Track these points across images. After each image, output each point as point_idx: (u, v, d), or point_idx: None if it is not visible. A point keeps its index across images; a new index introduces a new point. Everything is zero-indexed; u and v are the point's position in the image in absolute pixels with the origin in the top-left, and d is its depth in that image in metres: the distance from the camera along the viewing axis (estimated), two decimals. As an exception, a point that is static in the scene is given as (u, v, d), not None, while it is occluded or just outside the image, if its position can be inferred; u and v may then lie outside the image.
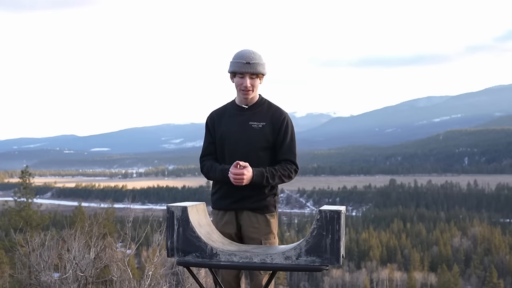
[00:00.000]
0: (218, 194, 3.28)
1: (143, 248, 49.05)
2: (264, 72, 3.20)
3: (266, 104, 3.31)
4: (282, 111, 3.29)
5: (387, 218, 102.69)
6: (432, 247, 77.75)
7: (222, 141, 3.25)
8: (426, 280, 66.03)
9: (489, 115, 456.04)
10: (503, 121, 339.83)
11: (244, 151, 3.17)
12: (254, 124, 3.20)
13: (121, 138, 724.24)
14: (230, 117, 3.28)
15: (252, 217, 3.19)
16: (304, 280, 69.92)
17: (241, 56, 3.15)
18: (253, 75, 3.16)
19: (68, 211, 65.79)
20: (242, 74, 3.15)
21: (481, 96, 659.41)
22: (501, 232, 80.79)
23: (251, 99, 3.26)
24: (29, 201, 25.29)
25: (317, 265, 2.62)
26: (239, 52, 3.20)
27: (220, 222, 3.24)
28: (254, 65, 3.13)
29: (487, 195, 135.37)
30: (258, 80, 3.20)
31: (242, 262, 2.71)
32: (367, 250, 76.87)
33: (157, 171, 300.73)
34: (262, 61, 3.19)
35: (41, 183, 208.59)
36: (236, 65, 3.15)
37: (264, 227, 3.19)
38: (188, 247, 2.78)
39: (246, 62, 3.12)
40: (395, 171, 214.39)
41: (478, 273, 67.62)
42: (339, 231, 2.60)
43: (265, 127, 3.20)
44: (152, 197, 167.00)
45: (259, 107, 3.27)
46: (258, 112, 3.25)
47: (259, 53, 3.20)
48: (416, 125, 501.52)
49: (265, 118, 3.23)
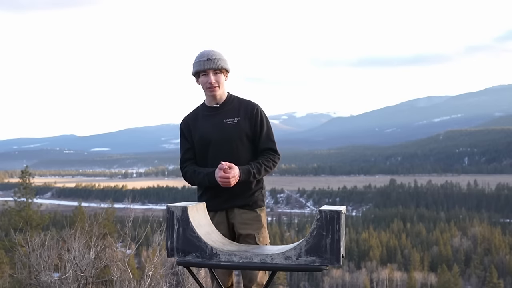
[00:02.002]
0: (206, 196, 3.27)
1: (143, 248, 49.06)
2: (227, 67, 3.23)
3: (236, 100, 3.33)
4: (253, 103, 3.32)
5: (387, 218, 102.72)
6: (432, 247, 77.77)
7: (201, 143, 3.26)
8: (426, 280, 66.07)
9: (489, 115, 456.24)
10: (503, 121, 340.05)
11: (225, 149, 3.19)
12: (229, 120, 3.23)
13: (121, 138, 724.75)
14: (204, 119, 3.29)
15: (243, 214, 3.21)
16: (304, 280, 69.95)
17: (202, 55, 3.19)
18: (216, 70, 3.18)
19: (68, 211, 65.82)
20: (205, 72, 3.17)
21: (481, 96, 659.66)
22: (501, 232, 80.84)
23: (219, 97, 3.28)
24: (29, 201, 25.31)
25: (317, 265, 2.61)
26: (200, 52, 3.23)
27: (212, 223, 3.22)
28: (215, 61, 3.16)
29: (487, 195, 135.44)
30: (222, 76, 3.22)
31: (242, 262, 2.71)
32: (367, 250, 76.90)
33: (157, 171, 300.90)
34: (223, 57, 3.22)
35: (41, 183, 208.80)
36: (198, 64, 3.19)
37: (255, 222, 3.22)
38: (188, 247, 2.77)
39: (207, 59, 3.16)
40: (395, 171, 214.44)
41: (478, 273, 67.65)
42: (339, 231, 2.60)
43: (240, 121, 3.23)
44: (152, 197, 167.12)
45: (230, 104, 3.29)
46: (230, 108, 3.27)
47: (219, 50, 3.23)
48: (416, 125, 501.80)
49: (238, 113, 3.25)
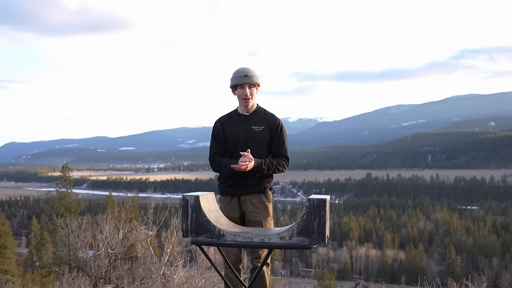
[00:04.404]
0: (225, 184, 3.42)
1: (162, 230, 48.61)
2: (259, 82, 3.35)
3: (263, 111, 3.45)
4: (276, 117, 3.44)
5: (364, 205, 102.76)
6: (401, 229, 77.81)
7: (231, 143, 3.38)
8: (397, 257, 66.17)
9: (449, 120, 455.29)
10: (460, 125, 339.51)
11: (251, 150, 3.29)
12: (256, 128, 3.35)
13: (145, 139, 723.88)
14: (236, 123, 3.40)
15: (253, 203, 3.32)
16: (295, 256, 70.03)
17: (240, 72, 3.31)
18: (251, 85, 3.29)
19: (101, 199, 65.72)
20: (242, 85, 3.29)
21: (442, 104, 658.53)
22: (458, 217, 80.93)
23: (251, 107, 3.39)
24: (69, 191, 25.34)
25: (306, 244, 2.62)
26: (237, 69, 3.35)
27: (227, 207, 3.37)
28: (251, 77, 3.28)
29: (447, 186, 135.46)
30: (255, 90, 3.35)
31: (244, 241, 2.73)
32: (347, 232, 76.96)
33: (174, 166, 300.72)
34: (257, 74, 3.35)
35: (78, 176, 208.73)
36: (236, 79, 3.30)
37: (263, 211, 3.34)
38: (199, 229, 2.79)
39: (244, 75, 3.28)
40: (371, 166, 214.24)
41: (439, 251, 67.69)
42: (325, 216, 2.60)
43: (264, 130, 3.36)
44: (170, 188, 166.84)
45: (258, 114, 3.41)
46: (257, 118, 3.39)
47: (253, 68, 3.36)
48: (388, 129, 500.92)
49: (263, 122, 3.37)
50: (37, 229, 43.54)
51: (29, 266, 33.74)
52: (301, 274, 64.75)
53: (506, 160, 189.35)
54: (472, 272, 8.68)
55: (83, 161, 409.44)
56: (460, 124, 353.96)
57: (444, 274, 46.36)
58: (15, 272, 19.89)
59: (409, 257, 61.27)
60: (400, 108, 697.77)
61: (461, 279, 7.44)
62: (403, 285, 55.08)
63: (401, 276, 59.42)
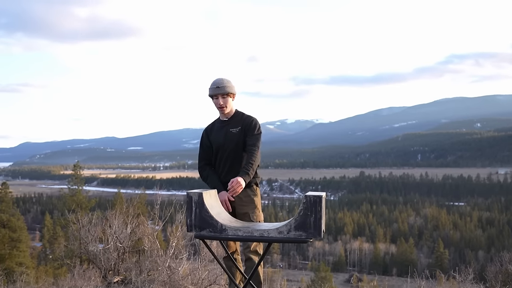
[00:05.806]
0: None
1: (168, 225, 48.67)
2: (233, 92, 3.42)
3: (241, 115, 3.53)
4: (252, 117, 3.53)
5: (357, 201, 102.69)
6: (392, 224, 77.74)
7: (214, 148, 3.50)
8: (388, 250, 66.12)
9: (437, 121, 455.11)
10: (448, 126, 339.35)
11: (230, 151, 3.43)
12: (233, 130, 3.45)
13: (151, 139, 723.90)
14: (217, 130, 3.52)
15: (241, 197, 3.41)
16: (293, 249, 70.01)
17: (213, 83, 3.40)
18: (224, 95, 3.38)
19: (110, 196, 65.77)
20: (216, 96, 3.39)
21: (431, 107, 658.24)
22: (446, 213, 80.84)
23: (228, 114, 3.49)
24: (80, 188, 25.28)
25: (303, 238, 2.63)
26: (213, 81, 3.42)
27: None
28: (222, 88, 3.36)
29: (436, 183, 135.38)
30: (229, 99, 3.42)
31: (245, 235, 2.74)
32: (342, 226, 76.93)
33: (179, 165, 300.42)
34: (230, 84, 3.40)
35: (89, 174, 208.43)
36: (210, 90, 3.41)
37: (250, 203, 3.44)
38: (203, 224, 2.79)
39: (216, 86, 3.37)
40: (364, 165, 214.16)
41: (429, 245, 67.67)
42: (321, 211, 2.60)
43: (240, 130, 3.45)
44: (175, 185, 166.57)
45: (236, 118, 3.51)
46: (236, 121, 3.49)
47: (227, 78, 3.41)
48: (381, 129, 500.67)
49: (240, 124, 3.47)
50: (50, 224, 43.52)
51: (42, 259, 33.70)
52: (298, 266, 64.72)
53: (491, 159, 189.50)
54: (459, 265, 8.68)
55: (94, 160, 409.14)
56: (448, 125, 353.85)
57: (433, 267, 46.40)
58: (30, 264, 19.85)
59: (400, 251, 61.26)
60: (392, 110, 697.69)
61: (449, 271, 7.44)
62: (394, 277, 55.00)
63: (393, 268, 59.40)
